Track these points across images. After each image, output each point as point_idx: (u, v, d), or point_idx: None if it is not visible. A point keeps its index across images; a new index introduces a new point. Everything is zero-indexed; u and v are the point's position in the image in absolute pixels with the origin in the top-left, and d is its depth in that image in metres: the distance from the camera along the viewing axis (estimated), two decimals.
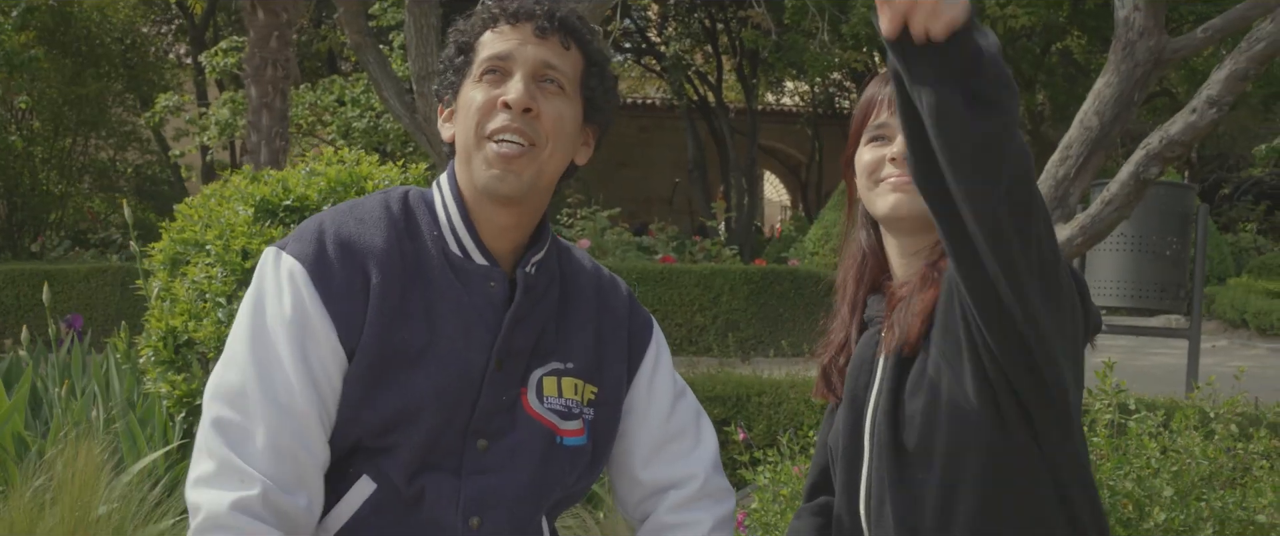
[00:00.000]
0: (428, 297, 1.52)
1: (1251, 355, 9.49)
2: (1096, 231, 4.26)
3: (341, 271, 1.49)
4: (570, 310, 1.63)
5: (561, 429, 1.57)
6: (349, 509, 1.51)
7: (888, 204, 1.58)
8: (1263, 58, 3.97)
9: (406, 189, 1.64)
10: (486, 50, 1.55)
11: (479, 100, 1.53)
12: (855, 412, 1.62)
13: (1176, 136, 4.14)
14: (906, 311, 1.56)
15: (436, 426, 1.49)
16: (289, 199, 3.87)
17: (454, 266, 1.55)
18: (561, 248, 1.70)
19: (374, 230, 1.53)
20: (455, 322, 1.52)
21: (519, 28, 1.55)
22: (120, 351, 4.20)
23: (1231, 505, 2.59)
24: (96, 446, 3.19)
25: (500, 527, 1.51)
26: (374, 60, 7.87)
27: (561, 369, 1.59)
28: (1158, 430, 2.91)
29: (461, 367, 1.51)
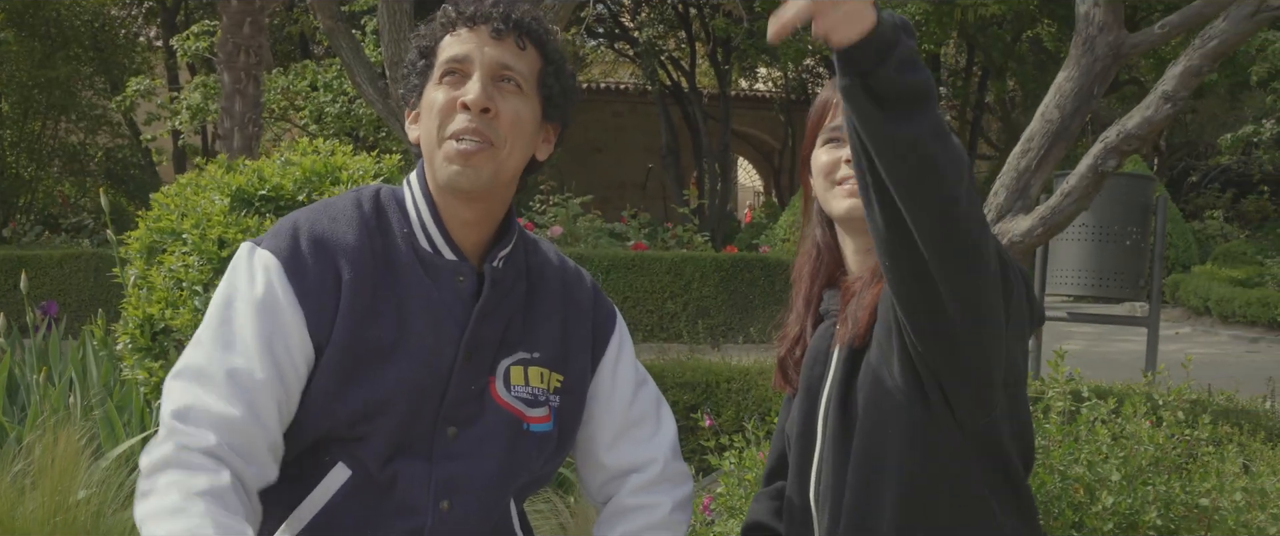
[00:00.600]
0: (398, 293, 1.57)
1: (1213, 342, 9.66)
2: (1056, 222, 4.36)
3: (315, 267, 1.54)
4: (537, 302, 1.69)
5: (528, 416, 1.63)
6: (324, 495, 1.56)
7: (844, 206, 1.65)
8: (1216, 55, 4.08)
9: (377, 187, 1.69)
10: (446, 53, 1.61)
11: (439, 101, 1.58)
12: (810, 402, 1.69)
13: (1133, 130, 4.25)
14: (857, 305, 1.64)
15: (407, 416, 1.55)
16: (264, 188, 3.92)
17: (424, 262, 1.60)
18: (529, 241, 1.75)
19: (346, 228, 1.58)
20: (425, 318, 1.58)
21: (476, 30, 1.60)
22: (97, 338, 4.24)
23: (1176, 489, 2.70)
24: (76, 432, 3.24)
25: (469, 510, 1.58)
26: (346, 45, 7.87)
27: (528, 358, 1.65)
28: (1109, 416, 3.01)
29: (431, 361, 1.57)
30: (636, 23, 22.37)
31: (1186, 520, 2.70)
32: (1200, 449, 2.96)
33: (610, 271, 8.27)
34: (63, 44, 16.62)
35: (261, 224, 3.79)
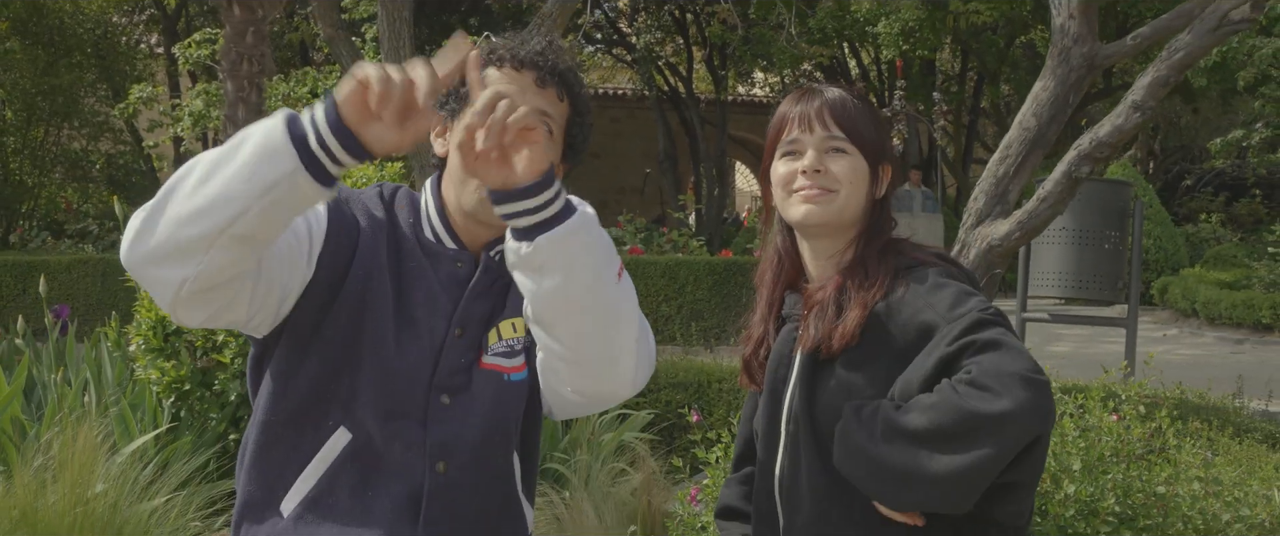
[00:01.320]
0: (400, 268, 1.74)
1: (1199, 343, 9.81)
2: (1033, 226, 4.53)
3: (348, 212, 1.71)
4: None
5: (506, 368, 1.78)
6: (326, 459, 1.71)
7: (800, 213, 1.78)
8: (1181, 66, 4.25)
9: (397, 186, 1.87)
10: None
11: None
12: (774, 402, 1.83)
13: (1105, 138, 4.42)
14: (823, 319, 1.75)
15: (403, 380, 1.70)
16: None
17: (425, 249, 1.76)
18: None
19: (371, 204, 1.76)
20: (421, 294, 1.74)
21: (522, 74, 1.75)
22: (111, 340, 4.40)
23: (1134, 478, 2.86)
24: (93, 429, 3.41)
25: (466, 470, 1.73)
26: (347, 53, 7.99)
27: (505, 317, 1.79)
28: (1076, 411, 3.18)
29: (425, 328, 1.73)
30: (634, 29, 22.52)
31: (1145, 507, 2.87)
32: (1165, 442, 3.13)
33: None
34: (66, 51, 16.76)
35: None
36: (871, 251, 1.77)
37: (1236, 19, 4.10)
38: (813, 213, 1.76)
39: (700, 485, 3.36)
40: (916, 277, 1.71)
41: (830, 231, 1.79)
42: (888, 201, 1.82)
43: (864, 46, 21.19)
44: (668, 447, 4.87)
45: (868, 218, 1.80)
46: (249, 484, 1.76)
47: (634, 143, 25.69)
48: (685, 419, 4.12)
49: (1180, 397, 4.65)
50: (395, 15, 7.32)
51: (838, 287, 1.76)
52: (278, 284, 1.65)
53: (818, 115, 1.77)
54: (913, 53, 17.91)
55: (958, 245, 4.64)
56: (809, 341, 1.75)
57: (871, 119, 1.79)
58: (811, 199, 1.76)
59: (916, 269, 1.74)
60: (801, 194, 1.77)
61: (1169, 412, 3.15)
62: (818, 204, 1.76)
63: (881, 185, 1.80)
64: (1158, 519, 2.85)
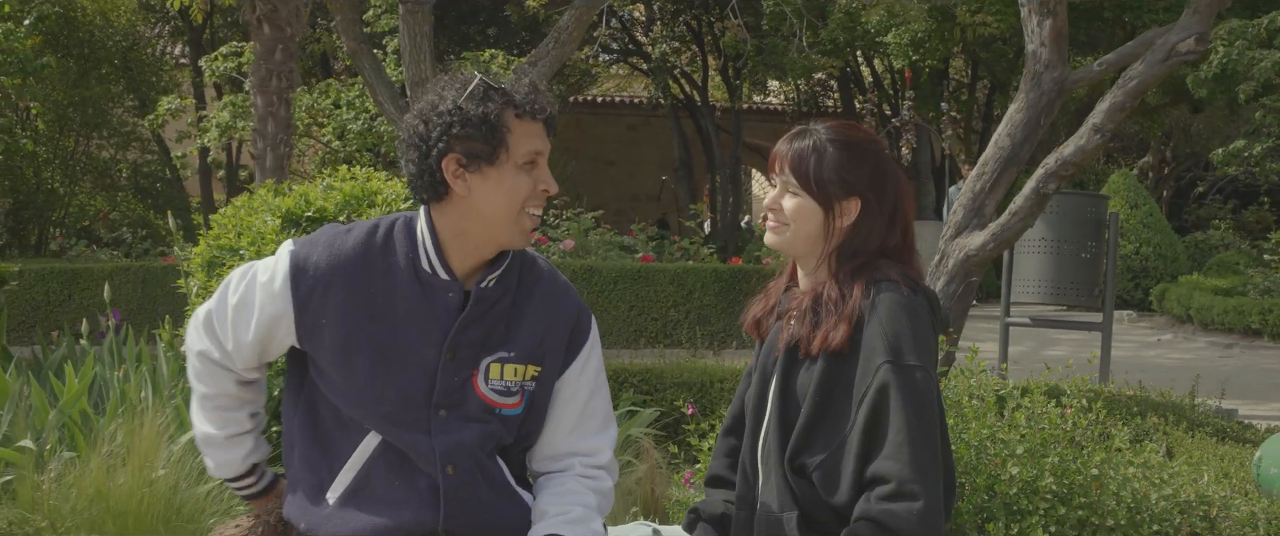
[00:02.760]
0: (392, 303, 2.07)
1: (1191, 348, 10.15)
2: (1006, 238, 4.93)
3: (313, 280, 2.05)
4: (521, 311, 2.15)
5: (500, 403, 2.12)
6: (362, 456, 2.09)
7: (766, 239, 2.24)
8: (1136, 92, 4.64)
9: (396, 217, 2.16)
10: (526, 144, 2.04)
11: (524, 189, 2.04)
12: (763, 382, 2.24)
13: (1069, 158, 4.81)
14: (801, 322, 2.15)
15: (401, 401, 2.05)
16: (310, 210, 4.51)
17: (422, 280, 2.08)
18: (527, 259, 2.21)
19: (355, 248, 2.08)
20: (413, 324, 2.07)
21: (537, 122, 2.06)
22: (164, 341, 4.83)
23: (1070, 460, 3.26)
24: (157, 418, 3.83)
25: (471, 471, 2.09)
26: (369, 66, 8.26)
27: (506, 356, 2.12)
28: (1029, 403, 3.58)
29: (415, 359, 2.06)
30: (650, 38, 22.84)
31: (1081, 487, 3.26)
32: (1102, 430, 3.53)
33: (618, 282, 8.83)
34: (95, 63, 17.23)
35: None
36: (843, 271, 2.15)
37: (1183, 51, 4.49)
38: (771, 240, 2.22)
39: (694, 470, 3.77)
40: (879, 304, 2.07)
41: (792, 254, 2.21)
42: (861, 229, 2.16)
43: (876, 56, 21.50)
44: (670, 441, 5.28)
45: (835, 243, 2.17)
46: (301, 473, 2.13)
47: (649, 150, 25.93)
48: (681, 409, 4.55)
49: (1142, 395, 5.04)
50: (416, 30, 7.49)
51: (813, 298, 2.16)
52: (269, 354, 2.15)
53: (781, 163, 2.20)
54: (922, 63, 18.27)
55: (937, 255, 5.03)
56: (787, 338, 2.16)
57: (836, 162, 2.15)
58: (772, 229, 2.22)
59: (883, 289, 2.09)
60: (768, 224, 2.22)
61: (1107, 405, 3.54)
62: (775, 233, 2.21)
63: (844, 216, 2.17)
64: (1093, 497, 3.24)
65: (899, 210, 2.22)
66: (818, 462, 2.10)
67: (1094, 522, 3.21)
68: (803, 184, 2.17)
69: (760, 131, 26.42)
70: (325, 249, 2.08)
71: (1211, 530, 3.35)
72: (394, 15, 15.17)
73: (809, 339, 2.13)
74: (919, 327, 2.06)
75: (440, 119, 2.03)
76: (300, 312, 2.06)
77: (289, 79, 10.19)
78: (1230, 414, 5.33)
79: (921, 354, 2.03)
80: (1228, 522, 3.41)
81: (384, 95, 7.70)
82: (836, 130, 2.21)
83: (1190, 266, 15.01)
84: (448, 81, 2.09)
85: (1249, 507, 3.55)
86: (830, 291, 2.14)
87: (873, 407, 2.01)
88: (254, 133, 10.15)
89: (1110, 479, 3.26)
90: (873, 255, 2.17)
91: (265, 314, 2.07)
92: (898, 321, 2.05)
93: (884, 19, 17.83)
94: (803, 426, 2.13)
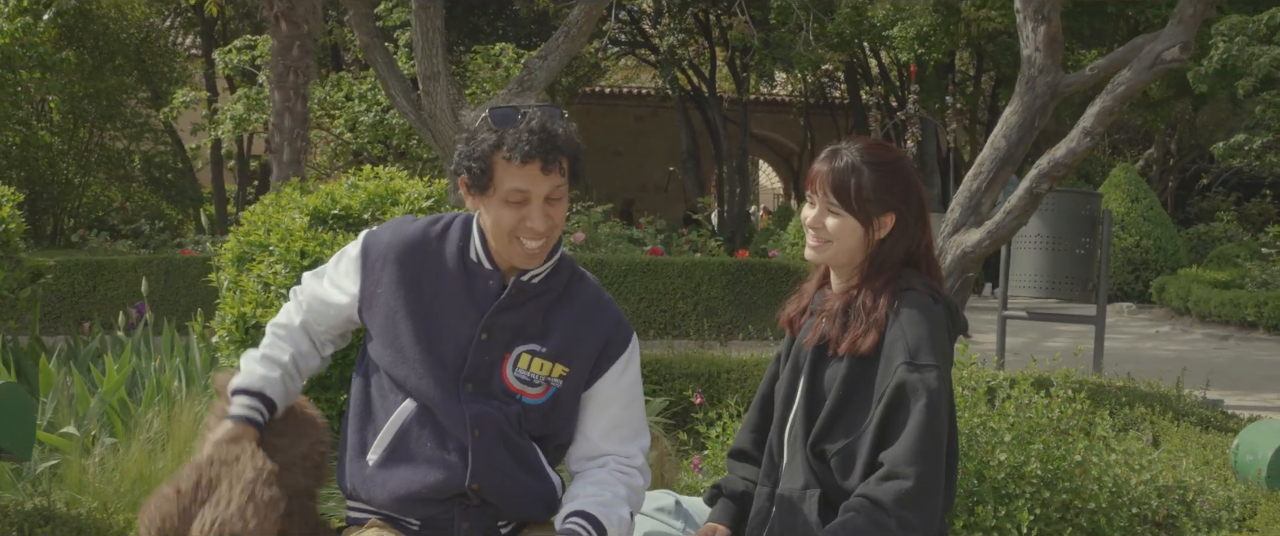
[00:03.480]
0: (438, 282, 2.34)
1: (1187, 340, 10.35)
2: (1001, 235, 5.14)
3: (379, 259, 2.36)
4: (561, 313, 2.37)
5: (525, 392, 2.34)
6: (399, 419, 2.32)
7: (807, 254, 2.45)
8: (1123, 98, 4.85)
9: (461, 215, 2.43)
10: (508, 182, 2.21)
11: (508, 221, 2.25)
12: (794, 372, 2.47)
13: (1061, 159, 5.02)
14: (831, 324, 2.37)
15: (435, 370, 2.29)
16: (336, 208, 4.73)
17: (467, 267, 2.35)
18: (577, 273, 2.44)
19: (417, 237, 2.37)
20: (454, 302, 2.33)
21: (528, 167, 2.20)
22: (196, 332, 5.06)
23: (1055, 447, 3.47)
24: (193, 406, 4.06)
25: (495, 438, 2.30)
26: (382, 60, 8.35)
27: (537, 350, 2.33)
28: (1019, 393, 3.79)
29: (453, 332, 2.31)
30: (657, 31, 22.99)
31: (1065, 472, 3.48)
32: (1087, 420, 3.74)
33: (627, 274, 9.04)
34: (109, 56, 17.44)
35: (335, 238, 4.59)
36: (874, 283, 2.36)
37: (1168, 59, 4.70)
38: (812, 256, 2.43)
39: (702, 456, 3.99)
40: (903, 311, 2.29)
41: (831, 266, 2.42)
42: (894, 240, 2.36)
43: (883, 49, 21.66)
44: (680, 429, 5.49)
45: (868, 253, 2.38)
46: (353, 435, 2.38)
47: (657, 141, 26.10)
48: (689, 398, 4.76)
49: (1131, 386, 5.25)
50: (428, 25, 7.56)
51: (845, 303, 2.38)
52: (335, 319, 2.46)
53: (822, 183, 2.39)
54: (928, 56, 18.45)
55: (935, 252, 5.25)
56: (815, 337, 2.39)
57: (872, 182, 2.35)
58: (813, 246, 2.43)
59: (907, 298, 2.31)
60: (809, 240, 2.43)
61: (1092, 395, 3.75)
62: (816, 250, 2.42)
63: (880, 230, 2.37)
64: (1076, 481, 3.46)
65: (925, 219, 2.44)
66: (837, 449, 2.33)
67: (1077, 505, 3.43)
68: (844, 204, 2.36)
69: (767, 122, 26.58)
70: (391, 231, 2.41)
71: (1187, 512, 3.57)
72: (405, 9, 15.37)
73: (838, 340, 2.35)
74: (936, 334, 2.28)
75: (462, 143, 2.29)
76: (365, 279, 2.37)
77: (305, 74, 10.42)
78: (1216, 404, 5.54)
79: (938, 357, 2.25)
80: (1204, 505, 3.62)
81: (396, 88, 7.83)
82: (869, 151, 2.40)
83: (1193, 259, 15.20)
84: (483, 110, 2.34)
85: (1226, 492, 3.77)
86: (864, 299, 2.35)
87: (889, 403, 2.24)
88: (271, 127, 10.38)
89: (1093, 464, 3.48)
90: (901, 263, 2.39)
91: (340, 272, 2.42)
92: (918, 327, 2.27)
93: (890, 13, 18.01)
94: (826, 417, 2.36)
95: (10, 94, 13.51)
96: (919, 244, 2.40)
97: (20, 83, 13.67)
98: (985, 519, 3.32)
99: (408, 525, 2.32)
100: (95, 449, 4.06)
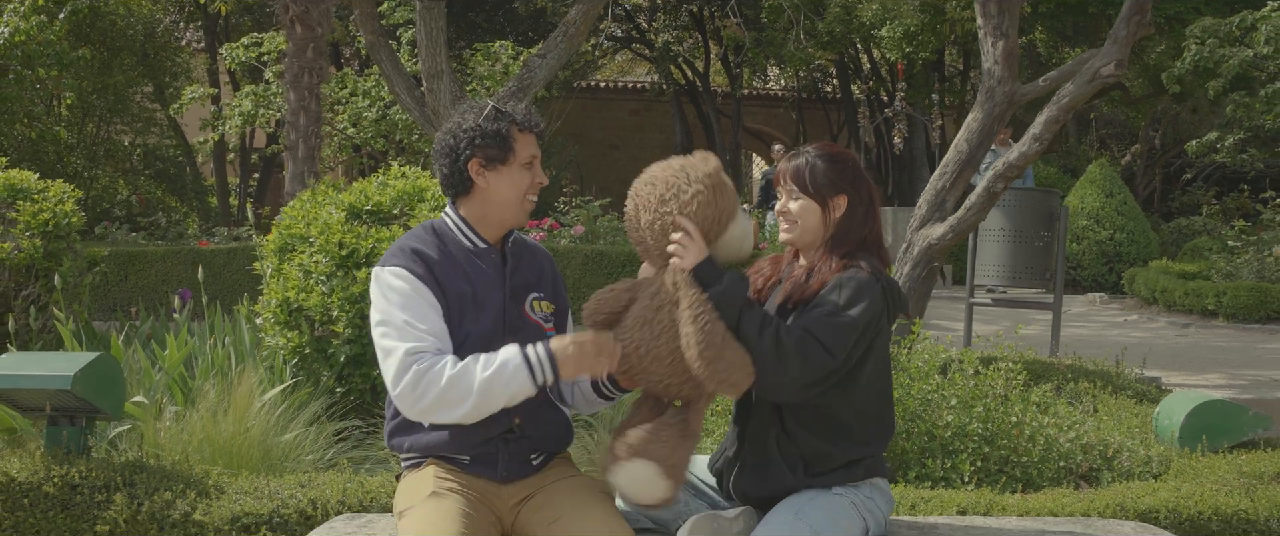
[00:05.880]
0: (465, 271, 2.90)
1: (1151, 328, 10.94)
2: (962, 230, 5.72)
3: (419, 265, 2.86)
4: (533, 264, 3.02)
5: (543, 325, 2.97)
6: None
7: (782, 237, 3.00)
8: (1068, 108, 5.44)
9: (417, 228, 3.00)
10: (526, 151, 2.88)
11: (524, 182, 2.91)
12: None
13: (1015, 162, 5.61)
14: (796, 287, 2.94)
15: (489, 328, 2.86)
16: (369, 204, 5.31)
17: (472, 251, 2.95)
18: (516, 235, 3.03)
19: (425, 243, 2.93)
20: (481, 277, 2.91)
21: (532, 134, 2.90)
22: (243, 315, 5.64)
23: (995, 410, 4.07)
24: (250, 377, 4.64)
25: None
26: (386, 58, 8.61)
27: (539, 295, 2.99)
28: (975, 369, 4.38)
29: (489, 300, 2.89)
30: (652, 28, 23.47)
31: (1004, 431, 4.07)
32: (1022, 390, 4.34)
33: (625, 264, 9.61)
34: (116, 52, 17.90)
35: (368, 231, 5.17)
36: (831, 258, 2.91)
37: (1105, 74, 5.28)
38: (785, 237, 2.99)
39: None
40: (846, 277, 2.85)
41: (800, 246, 2.98)
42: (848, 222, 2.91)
43: (873, 46, 22.20)
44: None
45: (830, 233, 2.93)
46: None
47: (652, 134, 26.44)
48: None
49: (1078, 365, 5.85)
50: (432, 25, 7.83)
51: (807, 271, 2.94)
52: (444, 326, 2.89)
53: (785, 177, 2.97)
54: (915, 55, 19.03)
55: (904, 243, 5.83)
56: (782, 296, 2.93)
57: (824, 170, 2.91)
58: (784, 230, 2.98)
59: (852, 271, 2.87)
60: (781, 226, 3.00)
61: (1031, 371, 4.34)
62: (787, 232, 2.97)
63: (835, 210, 2.93)
64: (1013, 439, 4.05)
65: (873, 205, 3.01)
66: None
67: (1013, 459, 4.02)
68: (801, 189, 2.93)
69: (760, 116, 27.03)
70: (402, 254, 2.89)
71: (1108, 467, 4.16)
72: (407, 8, 15.85)
73: (800, 293, 2.90)
74: (861, 301, 2.82)
75: (465, 134, 2.88)
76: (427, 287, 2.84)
77: (319, 75, 10.99)
78: (1154, 381, 6.14)
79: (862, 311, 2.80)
80: (1124, 461, 4.22)
81: (400, 85, 8.13)
82: (821, 148, 3.00)
83: (1173, 251, 15.80)
84: (468, 108, 2.96)
85: (1146, 452, 4.36)
86: (820, 267, 2.91)
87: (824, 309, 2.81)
88: (286, 125, 10.94)
89: (1027, 426, 4.07)
90: (856, 245, 2.93)
91: (408, 300, 2.81)
92: (849, 290, 2.82)
93: (878, 12, 18.56)
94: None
95: (29, 90, 14.02)
96: (871, 232, 2.96)
97: (39, 80, 14.17)
98: (935, 470, 3.91)
99: (459, 460, 2.90)
100: (163, 415, 4.64)
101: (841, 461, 2.84)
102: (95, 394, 3.75)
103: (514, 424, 2.88)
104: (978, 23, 5.87)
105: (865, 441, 2.88)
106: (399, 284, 2.83)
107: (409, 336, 2.76)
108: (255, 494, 3.74)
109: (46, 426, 3.87)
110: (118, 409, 3.90)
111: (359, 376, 5.09)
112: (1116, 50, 5.31)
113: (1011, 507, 3.57)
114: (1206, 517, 3.60)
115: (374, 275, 2.89)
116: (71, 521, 3.65)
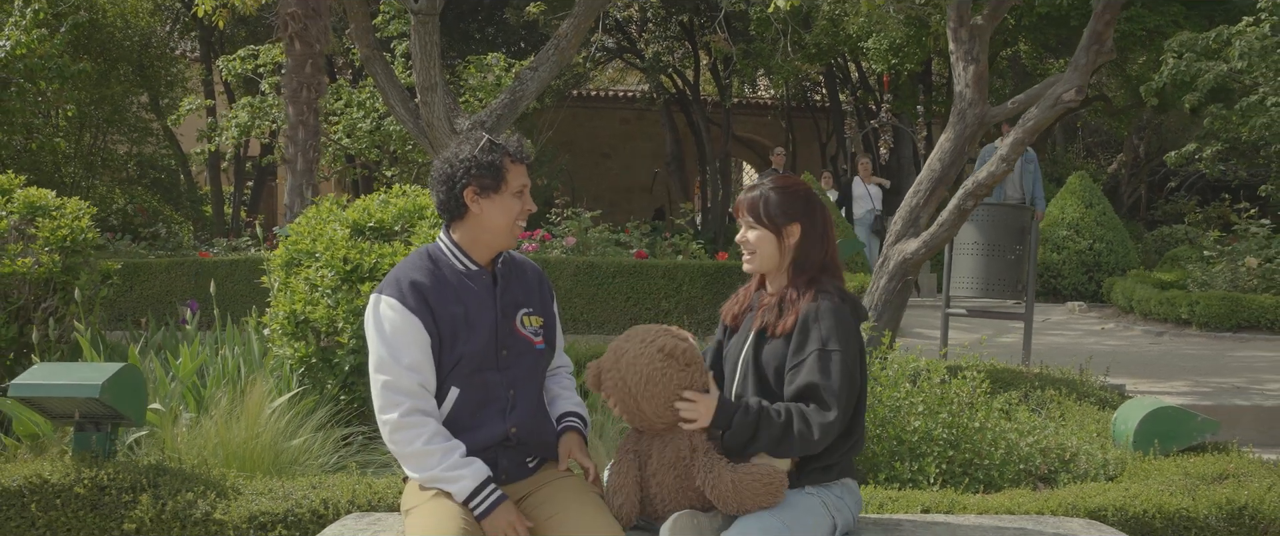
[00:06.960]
0: (457, 293, 3.17)
1: (1127, 336, 11.24)
2: (935, 245, 6.03)
3: (412, 295, 3.12)
4: (521, 281, 3.29)
5: (532, 339, 3.25)
6: (448, 405, 3.16)
7: (744, 267, 3.24)
8: (1032, 132, 5.74)
9: (412, 255, 3.26)
10: (516, 179, 3.13)
11: (515, 209, 3.17)
12: (737, 350, 3.28)
13: (983, 180, 5.91)
14: (770, 314, 3.19)
15: (482, 348, 3.13)
16: (372, 221, 5.59)
17: (467, 273, 3.21)
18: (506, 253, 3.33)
19: (420, 270, 3.19)
20: (473, 298, 3.17)
21: (522, 164, 3.15)
22: (252, 327, 5.92)
23: (959, 416, 4.37)
24: (261, 385, 4.92)
25: (529, 393, 3.21)
26: (381, 71, 8.68)
27: (528, 310, 3.26)
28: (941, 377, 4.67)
29: (481, 320, 3.15)
30: (643, 38, 23.68)
31: (967, 436, 4.37)
32: (986, 397, 4.64)
33: (615, 276, 9.90)
34: (114, 64, 18.13)
35: (371, 247, 5.45)
36: (798, 283, 3.19)
37: (1066, 99, 5.59)
38: (747, 267, 3.24)
39: None
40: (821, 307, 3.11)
41: (763, 272, 3.24)
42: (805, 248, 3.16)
43: (860, 58, 22.48)
44: None
45: (789, 259, 3.20)
46: None
47: (643, 143, 26.65)
48: None
49: (1045, 373, 6.15)
50: (426, 39, 7.95)
51: (779, 299, 3.20)
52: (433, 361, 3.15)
53: (742, 209, 3.24)
54: (901, 67, 19.34)
55: (880, 258, 6.13)
56: (758, 324, 3.19)
57: (777, 201, 3.16)
58: (746, 259, 3.23)
59: (822, 300, 3.14)
60: (744, 255, 3.25)
61: (993, 379, 4.63)
62: (748, 261, 3.22)
63: (790, 237, 3.20)
64: (976, 443, 4.35)
65: (829, 231, 3.28)
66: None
67: (976, 462, 4.32)
68: (757, 220, 3.19)
69: (750, 125, 27.22)
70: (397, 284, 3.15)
71: (1065, 469, 4.46)
72: (401, 20, 16.10)
73: (774, 325, 3.18)
74: (841, 325, 3.11)
75: (462, 164, 3.14)
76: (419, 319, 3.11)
77: (317, 90, 11.26)
78: (1118, 388, 6.44)
79: (841, 343, 3.08)
80: (1081, 464, 4.51)
81: (395, 98, 8.27)
82: (776, 181, 3.25)
83: (1154, 260, 16.11)
84: (464, 138, 3.26)
85: (1103, 455, 4.66)
86: (790, 295, 3.18)
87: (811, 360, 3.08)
88: (285, 138, 11.21)
89: (989, 430, 4.37)
90: (816, 268, 3.19)
91: (401, 330, 3.07)
92: (828, 320, 3.09)
93: (864, 25, 18.86)
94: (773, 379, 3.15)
95: (31, 103, 14.27)
96: (828, 254, 3.24)
97: (40, 93, 14.43)
98: (902, 472, 4.21)
99: None
100: (178, 421, 4.92)
101: (814, 465, 3.12)
102: (120, 402, 4.03)
103: (510, 433, 3.17)
104: (950, 47, 6.18)
105: (836, 448, 3.15)
106: (390, 314, 3.10)
107: (386, 370, 3.06)
108: (270, 494, 4.03)
109: (75, 432, 4.15)
110: (140, 416, 4.19)
111: (362, 385, 5.36)
112: (1078, 76, 5.61)
113: (972, 506, 3.86)
114: (1150, 515, 3.90)
115: (372, 299, 3.16)
116: (101, 520, 3.94)
